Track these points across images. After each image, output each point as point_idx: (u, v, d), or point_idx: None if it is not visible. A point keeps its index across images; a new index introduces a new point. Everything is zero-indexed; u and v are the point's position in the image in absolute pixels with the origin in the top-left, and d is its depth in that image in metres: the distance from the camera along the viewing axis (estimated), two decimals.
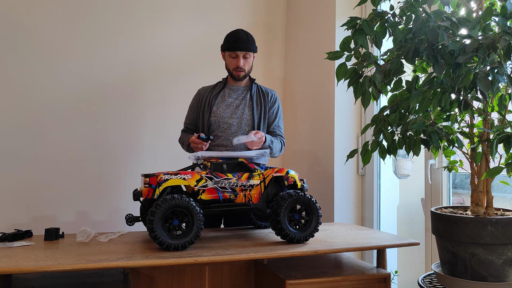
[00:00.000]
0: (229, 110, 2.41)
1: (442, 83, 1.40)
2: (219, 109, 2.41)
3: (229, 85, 2.49)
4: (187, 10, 3.24)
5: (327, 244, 1.82)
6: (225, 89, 2.48)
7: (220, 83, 2.52)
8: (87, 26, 3.00)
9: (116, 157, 3.04)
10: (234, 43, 2.37)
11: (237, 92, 2.47)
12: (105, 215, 2.99)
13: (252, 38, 2.43)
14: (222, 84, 2.50)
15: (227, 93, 2.46)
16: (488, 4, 1.45)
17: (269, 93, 2.51)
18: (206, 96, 2.47)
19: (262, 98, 2.46)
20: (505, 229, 1.40)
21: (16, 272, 1.43)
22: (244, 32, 2.41)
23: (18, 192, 2.82)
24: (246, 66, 2.42)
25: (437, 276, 1.58)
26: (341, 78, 1.54)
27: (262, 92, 2.49)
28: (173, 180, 1.76)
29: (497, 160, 1.50)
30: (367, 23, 1.47)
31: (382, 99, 2.09)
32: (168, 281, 1.89)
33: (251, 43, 2.40)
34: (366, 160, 1.58)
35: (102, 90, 3.03)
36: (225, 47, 2.41)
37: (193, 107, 2.51)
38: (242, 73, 2.42)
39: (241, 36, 2.38)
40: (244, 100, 2.44)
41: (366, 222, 2.81)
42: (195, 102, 2.52)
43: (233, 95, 2.46)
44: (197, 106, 2.49)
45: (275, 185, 1.95)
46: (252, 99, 2.44)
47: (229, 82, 2.50)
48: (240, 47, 2.36)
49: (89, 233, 1.89)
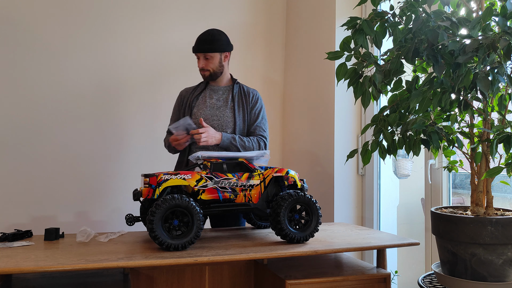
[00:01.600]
0: (210, 112, 2.38)
1: (442, 83, 1.40)
2: (199, 110, 2.39)
3: (210, 86, 2.47)
4: (186, 10, 3.24)
5: (327, 244, 1.82)
6: (206, 90, 2.46)
7: (202, 83, 2.49)
8: (87, 26, 3.00)
9: (116, 157, 3.04)
10: (196, 45, 2.37)
11: (218, 93, 2.44)
12: (105, 215, 2.99)
13: (219, 37, 2.35)
14: (203, 85, 2.47)
15: (208, 94, 2.44)
16: (488, 4, 1.45)
17: (251, 93, 2.46)
18: (187, 97, 2.45)
19: (244, 99, 2.43)
20: (505, 229, 1.40)
21: (16, 272, 1.43)
22: (209, 32, 2.37)
23: (18, 192, 2.82)
24: (209, 66, 2.37)
25: (437, 276, 1.58)
26: (341, 78, 1.54)
27: (244, 93, 2.45)
28: (173, 180, 1.76)
29: (497, 160, 1.50)
30: (367, 23, 1.47)
31: (382, 99, 2.09)
32: (168, 281, 1.89)
33: (215, 43, 2.34)
34: (366, 160, 1.58)
35: (102, 90, 3.03)
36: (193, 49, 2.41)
37: (176, 109, 2.51)
38: (207, 73, 2.39)
39: (204, 36, 2.36)
40: (226, 101, 2.41)
41: (366, 222, 2.81)
42: (177, 104, 2.51)
43: (214, 96, 2.43)
44: (179, 109, 2.48)
45: (275, 185, 1.95)
46: (234, 100, 2.41)
47: (211, 83, 2.47)
48: (200, 49, 2.35)
49: (89, 233, 1.89)
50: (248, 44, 3.41)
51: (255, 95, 2.47)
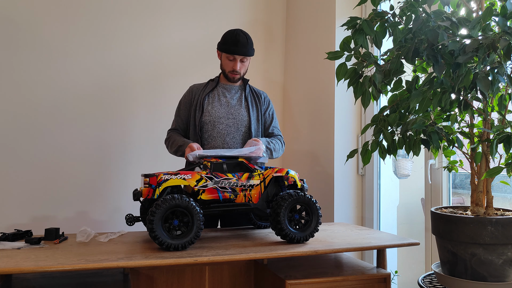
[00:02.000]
0: (225, 110, 2.36)
1: (442, 83, 1.40)
2: (214, 108, 2.35)
3: (222, 84, 2.44)
4: (186, 10, 3.24)
5: (327, 244, 1.82)
6: (218, 88, 2.42)
7: (212, 81, 2.45)
8: (87, 25, 3.00)
9: (116, 157, 3.04)
10: (234, 46, 2.30)
11: (231, 91, 2.42)
12: (105, 215, 2.99)
13: (251, 41, 2.36)
14: (214, 83, 2.43)
15: (221, 92, 2.41)
16: (488, 4, 1.45)
17: (262, 94, 2.48)
18: (199, 94, 2.40)
19: (257, 99, 2.43)
20: (505, 229, 1.40)
21: (16, 272, 1.43)
22: (243, 34, 2.34)
23: (18, 192, 2.82)
24: (242, 69, 2.38)
25: (437, 276, 1.58)
26: (341, 78, 1.54)
27: (256, 94, 2.46)
28: (173, 180, 1.76)
29: (497, 160, 1.50)
30: (367, 23, 1.47)
31: (382, 99, 2.09)
32: (168, 281, 1.89)
33: (249, 47, 2.34)
34: (366, 160, 1.58)
35: (102, 89, 3.03)
36: (223, 48, 2.34)
37: (186, 104, 2.42)
38: (237, 76, 2.38)
39: (241, 39, 2.31)
40: (240, 100, 2.41)
41: (366, 222, 2.81)
42: (188, 99, 2.43)
43: (227, 94, 2.41)
44: (190, 104, 2.41)
45: (275, 185, 1.95)
46: (247, 99, 2.41)
47: (222, 81, 2.45)
48: (239, 51, 2.31)
49: (89, 233, 1.89)
50: None
51: (266, 96, 2.50)
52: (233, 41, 2.31)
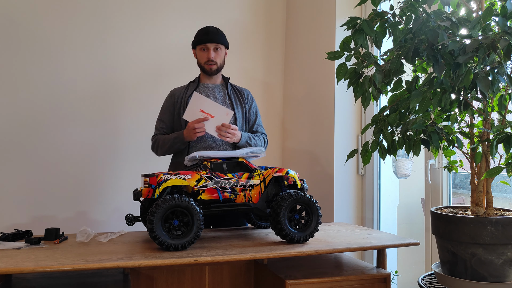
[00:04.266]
0: None
1: (442, 83, 1.40)
2: None
3: (203, 84, 2.43)
4: (185, 10, 3.24)
5: (327, 244, 1.82)
6: (199, 88, 2.41)
7: (193, 82, 2.45)
8: (84, 25, 3.00)
9: (116, 157, 3.04)
10: (204, 36, 2.35)
11: (212, 91, 2.41)
12: (105, 215, 2.99)
13: (222, 33, 2.40)
14: (195, 84, 2.42)
15: (203, 92, 2.39)
16: (488, 4, 1.45)
17: (244, 92, 2.48)
18: (181, 97, 2.39)
19: (240, 96, 2.43)
20: (505, 229, 1.40)
21: (16, 272, 1.43)
22: (212, 26, 2.40)
23: (18, 192, 2.82)
24: (217, 58, 2.37)
25: (437, 276, 1.58)
26: (341, 78, 1.54)
27: (239, 91, 2.46)
28: (173, 180, 1.76)
29: (497, 160, 1.50)
30: (367, 23, 1.47)
31: (382, 99, 2.09)
32: (168, 281, 1.88)
33: (220, 36, 2.38)
34: (366, 160, 1.58)
35: (101, 89, 3.03)
36: (195, 41, 2.40)
37: (169, 108, 2.41)
38: (214, 66, 2.37)
39: (211, 29, 2.37)
40: (223, 99, 2.40)
41: (366, 222, 2.81)
42: (169, 104, 2.42)
43: (209, 94, 2.39)
44: (172, 108, 2.40)
45: (275, 185, 1.95)
46: (231, 98, 2.40)
47: (203, 81, 2.44)
48: (210, 39, 2.34)
49: (89, 233, 1.89)
50: (248, 43, 3.41)
51: (248, 94, 2.50)
52: (203, 32, 2.38)
